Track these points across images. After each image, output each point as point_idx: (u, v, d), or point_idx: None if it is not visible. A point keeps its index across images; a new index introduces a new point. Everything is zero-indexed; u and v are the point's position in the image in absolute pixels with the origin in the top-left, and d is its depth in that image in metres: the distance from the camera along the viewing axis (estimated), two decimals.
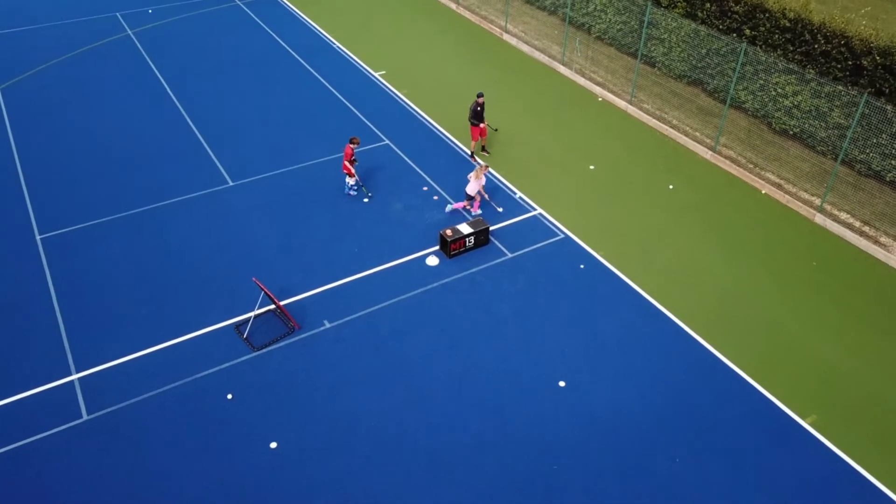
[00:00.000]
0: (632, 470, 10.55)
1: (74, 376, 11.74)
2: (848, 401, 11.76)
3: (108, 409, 11.21)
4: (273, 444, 10.77)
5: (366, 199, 16.00)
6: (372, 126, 18.82)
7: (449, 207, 15.61)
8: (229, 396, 11.45)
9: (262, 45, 22.93)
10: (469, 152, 17.75)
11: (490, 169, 17.02)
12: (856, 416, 11.51)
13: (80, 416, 11.11)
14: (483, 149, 17.89)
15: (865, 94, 14.87)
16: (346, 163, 15.59)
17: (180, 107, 19.41)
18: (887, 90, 15.83)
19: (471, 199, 15.33)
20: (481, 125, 16.91)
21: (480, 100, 16.68)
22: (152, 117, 18.93)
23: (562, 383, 11.86)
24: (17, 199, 15.75)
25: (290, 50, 22.66)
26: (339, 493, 10.14)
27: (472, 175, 15.06)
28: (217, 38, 23.41)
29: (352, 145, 15.48)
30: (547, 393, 11.70)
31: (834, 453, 10.88)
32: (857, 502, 10.22)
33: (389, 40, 23.55)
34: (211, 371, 11.86)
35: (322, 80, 21.04)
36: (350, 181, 15.94)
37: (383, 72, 21.59)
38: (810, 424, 11.31)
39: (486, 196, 15.84)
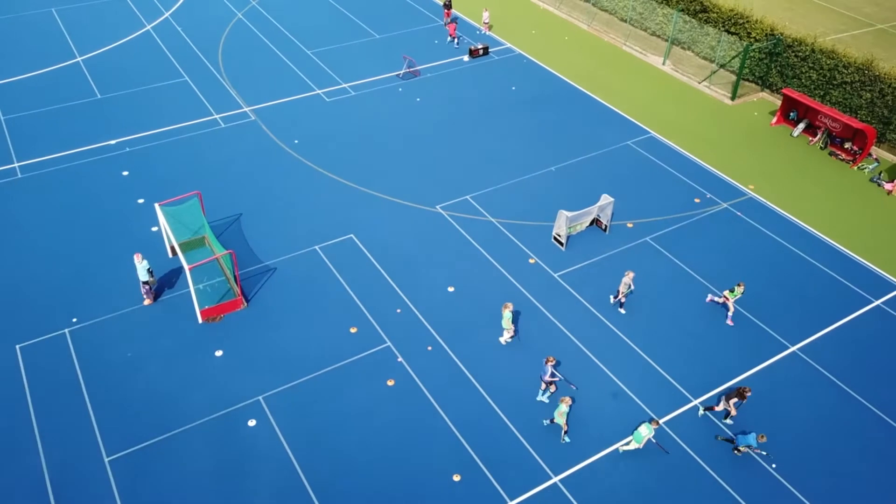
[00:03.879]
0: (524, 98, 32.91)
1: (319, 92, 34.08)
2: (606, 86, 34.08)
3: (333, 96, 33.53)
4: (418, 98, 33.13)
5: (457, 45, 38.16)
6: (432, 15, 41.11)
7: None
8: (400, 90, 33.77)
9: None
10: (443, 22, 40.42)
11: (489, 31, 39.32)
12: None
13: (321, 95, 33.46)
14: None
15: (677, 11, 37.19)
16: (452, 29, 37.50)
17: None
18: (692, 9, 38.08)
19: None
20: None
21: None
22: None
23: (513, 87, 34.17)
24: None
25: None
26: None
27: None
28: None
29: (454, 21, 37.48)
30: (506, 93, 33.97)
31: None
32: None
33: None
34: (389, 78, 34.20)
35: None
36: (454, 40, 37.81)
37: None
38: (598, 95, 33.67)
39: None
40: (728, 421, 19.08)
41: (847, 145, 29.63)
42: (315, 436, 18.60)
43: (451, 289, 22.95)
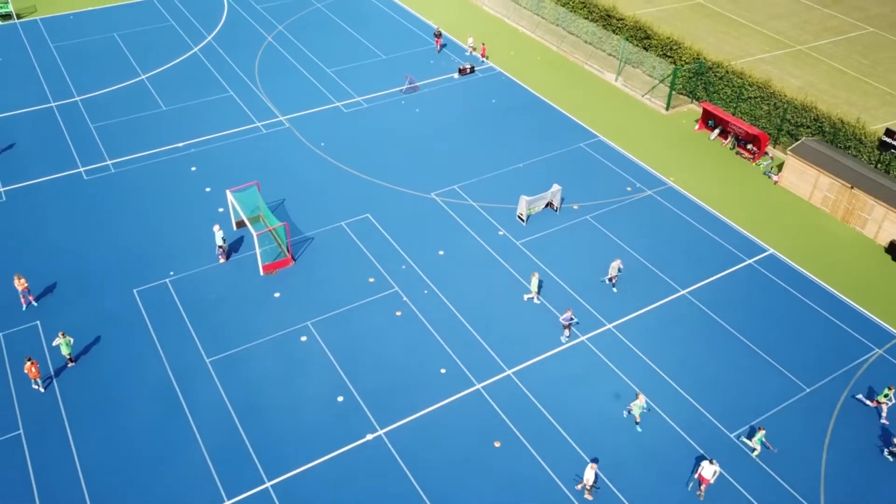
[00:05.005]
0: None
1: (338, 104, 42.70)
2: (562, 96, 42.70)
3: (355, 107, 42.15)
4: (417, 109, 41.77)
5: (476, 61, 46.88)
6: (430, 39, 49.68)
7: None
8: (402, 102, 42.39)
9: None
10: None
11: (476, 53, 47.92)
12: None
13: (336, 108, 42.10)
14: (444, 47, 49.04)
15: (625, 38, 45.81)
16: (483, 50, 46.22)
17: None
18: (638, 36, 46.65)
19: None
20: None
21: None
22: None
23: (493, 100, 42.79)
24: None
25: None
26: None
27: None
28: None
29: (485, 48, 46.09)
30: (487, 104, 42.58)
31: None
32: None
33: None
34: (394, 93, 42.82)
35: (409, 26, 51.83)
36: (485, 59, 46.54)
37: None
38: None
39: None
40: (884, 421, 25.15)
41: (749, 146, 38.29)
42: (347, 346, 27.27)
43: (441, 252, 31.61)
